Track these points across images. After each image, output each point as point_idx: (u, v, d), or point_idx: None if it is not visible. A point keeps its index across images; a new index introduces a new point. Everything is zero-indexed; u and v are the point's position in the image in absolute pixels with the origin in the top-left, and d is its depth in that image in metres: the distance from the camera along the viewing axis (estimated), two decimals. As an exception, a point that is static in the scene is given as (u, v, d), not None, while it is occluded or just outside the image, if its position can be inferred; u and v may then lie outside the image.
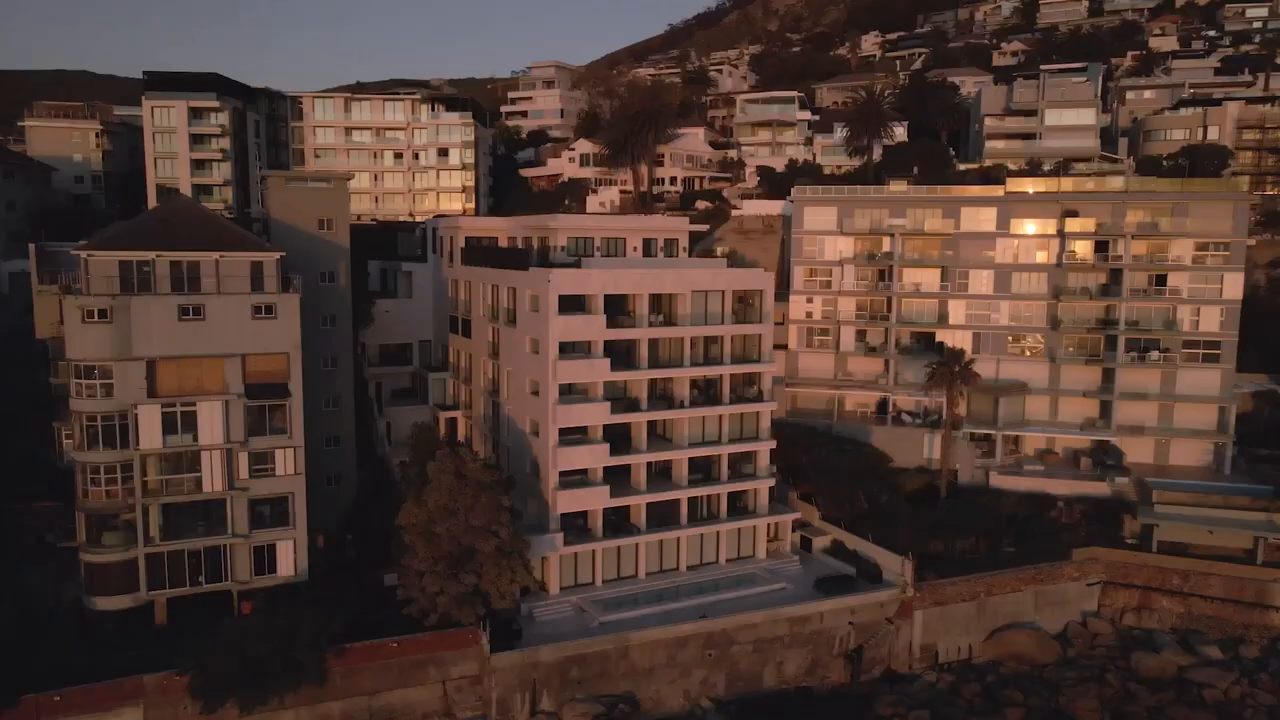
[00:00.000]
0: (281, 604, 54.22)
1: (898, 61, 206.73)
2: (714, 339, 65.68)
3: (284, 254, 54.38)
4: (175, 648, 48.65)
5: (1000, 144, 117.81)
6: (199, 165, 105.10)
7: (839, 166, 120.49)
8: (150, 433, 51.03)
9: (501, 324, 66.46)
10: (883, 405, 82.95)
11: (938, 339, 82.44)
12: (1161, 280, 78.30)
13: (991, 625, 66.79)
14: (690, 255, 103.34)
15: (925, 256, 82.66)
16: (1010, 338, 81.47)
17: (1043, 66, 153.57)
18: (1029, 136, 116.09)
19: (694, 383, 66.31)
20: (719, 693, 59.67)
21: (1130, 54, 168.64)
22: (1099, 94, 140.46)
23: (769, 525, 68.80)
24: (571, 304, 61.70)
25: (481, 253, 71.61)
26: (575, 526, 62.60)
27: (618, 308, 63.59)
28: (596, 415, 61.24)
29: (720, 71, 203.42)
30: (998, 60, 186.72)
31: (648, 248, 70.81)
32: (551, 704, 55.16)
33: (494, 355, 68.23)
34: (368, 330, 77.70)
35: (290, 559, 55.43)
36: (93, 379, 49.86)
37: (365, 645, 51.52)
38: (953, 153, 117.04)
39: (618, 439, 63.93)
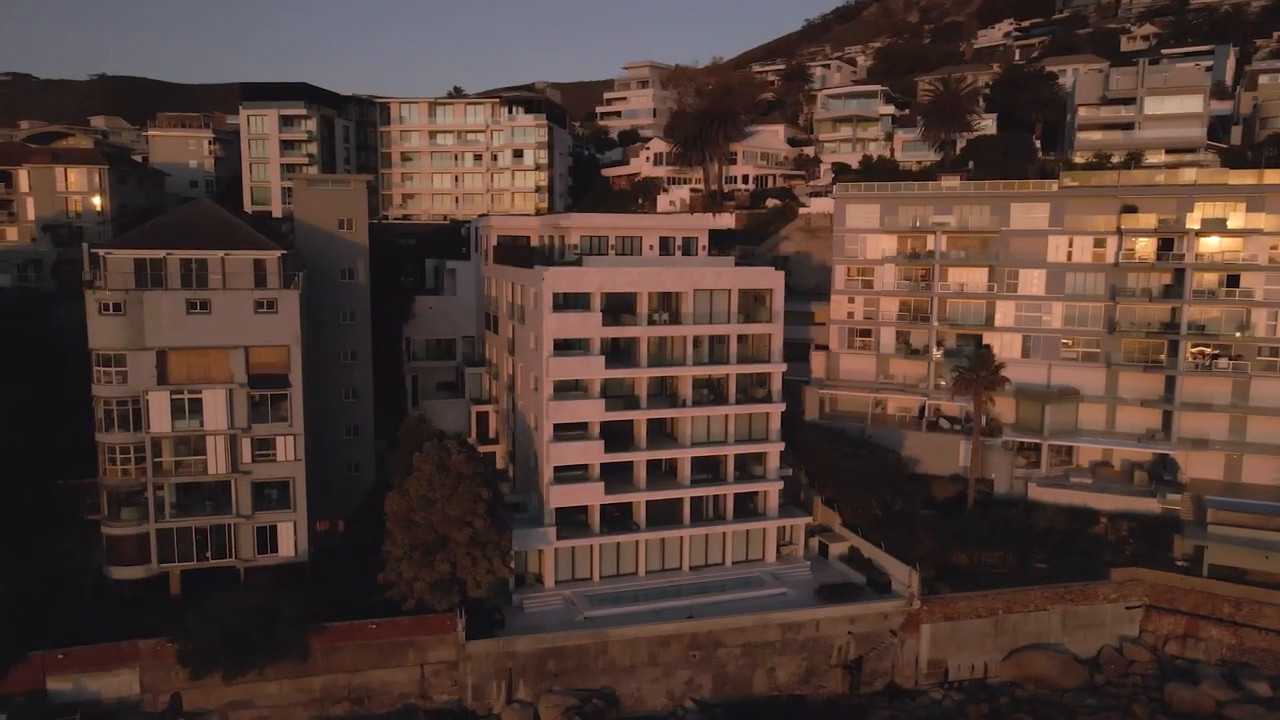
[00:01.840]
0: (286, 582, 57.93)
1: (1017, 50, 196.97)
2: (720, 338, 65.05)
3: (285, 252, 57.68)
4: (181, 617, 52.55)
5: (1096, 135, 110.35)
6: (288, 169, 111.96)
7: (919, 162, 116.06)
8: (160, 417, 55.35)
9: (515, 321, 68.06)
10: (931, 409, 79.63)
11: (984, 341, 78.44)
12: (1234, 281, 71.81)
13: (1011, 644, 63.37)
14: (755, 253, 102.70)
15: (972, 255, 78.76)
16: (1063, 341, 76.59)
17: (1164, 51, 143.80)
18: (1127, 127, 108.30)
19: (704, 382, 65.92)
20: (705, 695, 59.25)
21: (1276, 34, 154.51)
22: (1225, 79, 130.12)
23: (781, 529, 67.61)
24: (573, 302, 62.63)
25: (505, 251, 73.45)
26: (576, 521, 63.46)
27: (624, 306, 64.03)
28: (591, 412, 61.82)
29: (829, 67, 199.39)
30: (1126, 45, 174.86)
31: (665, 246, 70.77)
32: (528, 694, 56.22)
33: (511, 351, 69.92)
34: (410, 325, 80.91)
35: (291, 540, 58.76)
36: (109, 367, 54.48)
37: (345, 625, 54.12)
38: (1037, 145, 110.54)
39: (620, 437, 64.40)
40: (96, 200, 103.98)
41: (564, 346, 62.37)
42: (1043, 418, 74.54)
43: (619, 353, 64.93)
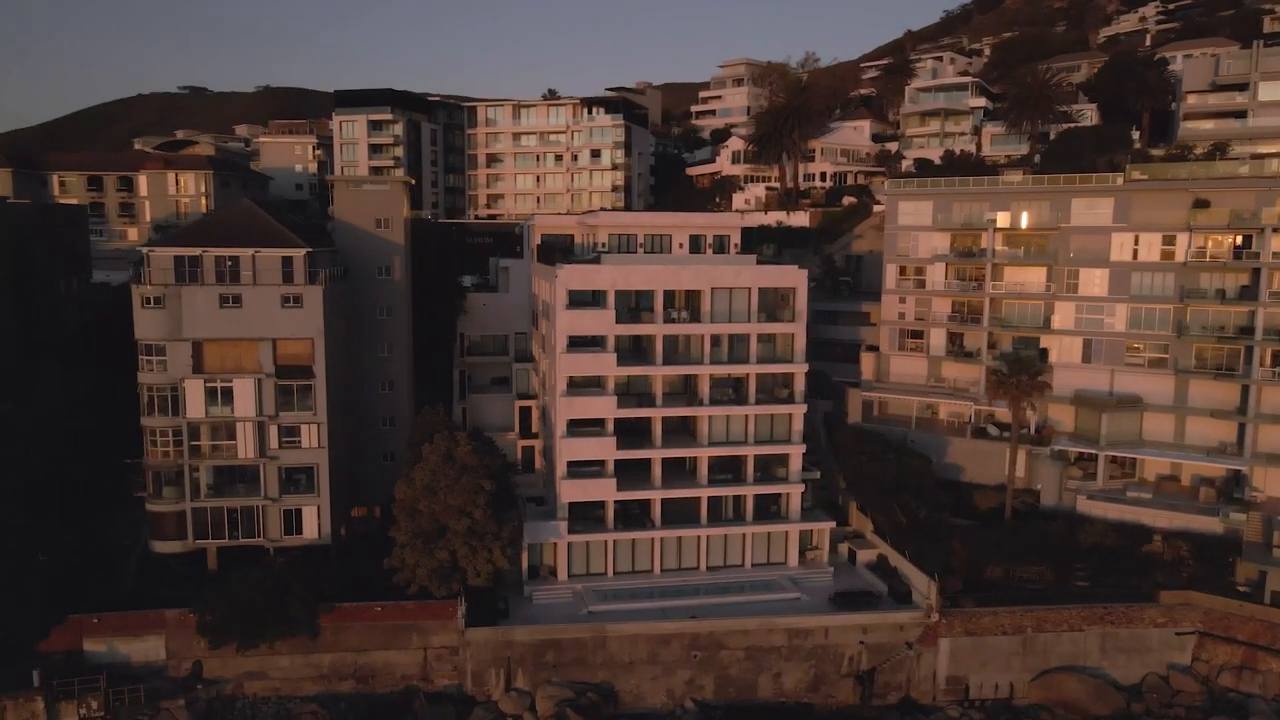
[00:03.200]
0: (310, 563, 61.08)
1: (1149, 35, 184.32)
2: (742, 337, 64.20)
3: (310, 250, 60.73)
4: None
5: (1207, 124, 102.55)
6: (376, 171, 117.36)
7: (1008, 156, 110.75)
8: (195, 403, 59.52)
9: (545, 317, 69.31)
10: (978, 415, 76.07)
11: (1042, 344, 74.36)
12: (1320, 281, 65.43)
13: (1042, 665, 59.98)
14: (829, 250, 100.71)
15: (1030, 254, 74.71)
16: (1129, 345, 71.63)
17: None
18: (1239, 115, 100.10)
19: (727, 382, 65.28)
20: (707, 696, 58.78)
21: None
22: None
23: (804, 533, 66.09)
24: (594, 299, 63.25)
25: (543, 250, 74.72)
26: (594, 517, 64.03)
27: (647, 304, 64.20)
28: (603, 408, 62.30)
29: (940, 60, 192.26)
30: (1270, 26, 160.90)
31: (695, 244, 70.29)
32: (526, 683, 57.25)
33: (543, 348, 71.21)
34: (464, 321, 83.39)
35: (314, 523, 61.95)
36: (151, 356, 58.96)
37: (353, 606, 56.66)
38: (1135, 136, 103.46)
39: (640, 434, 64.60)
40: (203, 203, 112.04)
41: (583, 343, 63.12)
42: (1100, 427, 69.85)
43: (641, 351, 65.23)
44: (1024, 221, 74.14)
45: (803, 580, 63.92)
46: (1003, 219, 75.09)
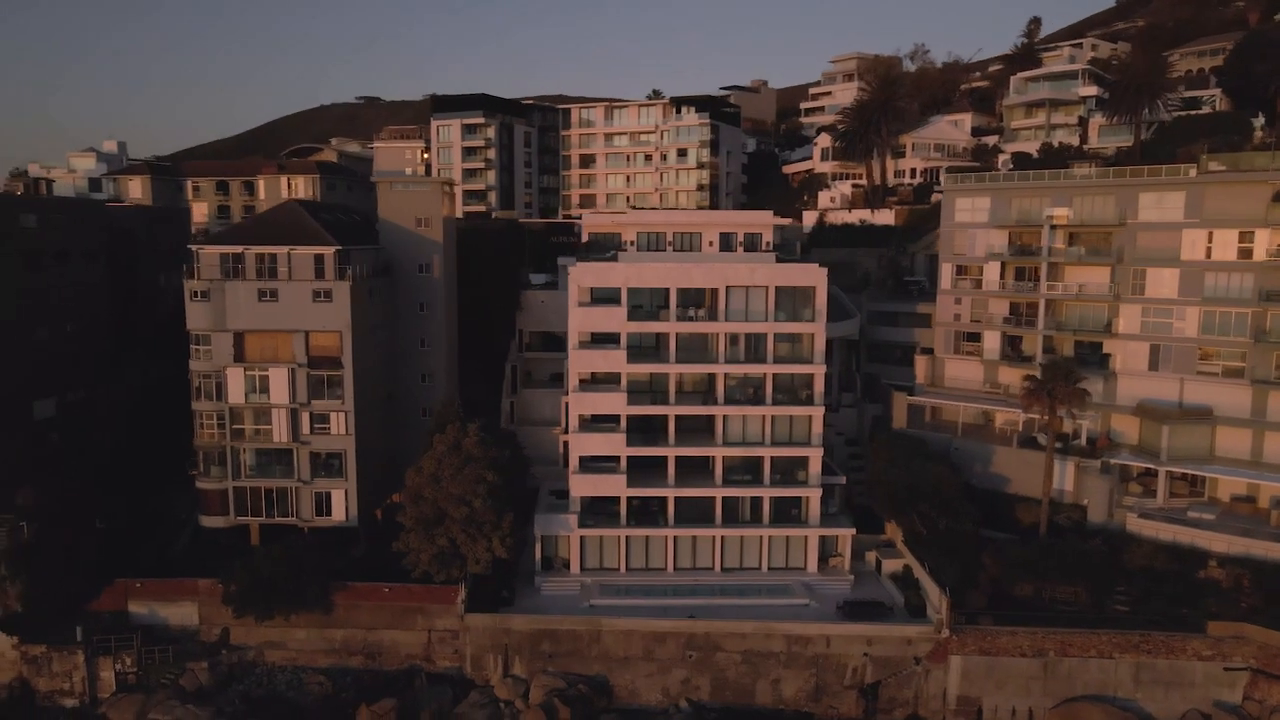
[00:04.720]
0: (338, 543, 64.69)
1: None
2: (758, 336, 63.09)
3: (340, 248, 64.09)
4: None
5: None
6: (469, 174, 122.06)
7: (1116, 148, 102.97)
8: (236, 390, 64.04)
9: (575, 315, 70.31)
10: (1031, 423, 71.45)
11: (1105, 349, 69.16)
12: None
13: (1065, 692, 56.18)
14: (907, 251, 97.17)
15: (1092, 252, 69.58)
16: (1201, 353, 65.57)
17: None
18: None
19: (747, 381, 64.32)
20: (702, 697, 58.27)
21: None
22: None
23: (827, 539, 64.29)
24: (612, 297, 63.78)
25: (588, 247, 75.89)
26: (608, 512, 64.62)
27: (665, 302, 64.18)
28: (614, 404, 62.78)
29: (1080, 47, 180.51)
30: None
31: (726, 242, 69.80)
32: (523, 671, 58.53)
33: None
34: (522, 318, 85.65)
35: (342, 505, 65.33)
36: (199, 345, 63.95)
37: (363, 585, 59.70)
38: (1257, 124, 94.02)
39: (658, 432, 64.65)
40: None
41: (602, 340, 63.83)
42: (1161, 440, 64.32)
43: (660, 349, 65.11)
44: (1084, 217, 69.09)
45: (819, 587, 62.24)
46: (1062, 215, 70.23)
